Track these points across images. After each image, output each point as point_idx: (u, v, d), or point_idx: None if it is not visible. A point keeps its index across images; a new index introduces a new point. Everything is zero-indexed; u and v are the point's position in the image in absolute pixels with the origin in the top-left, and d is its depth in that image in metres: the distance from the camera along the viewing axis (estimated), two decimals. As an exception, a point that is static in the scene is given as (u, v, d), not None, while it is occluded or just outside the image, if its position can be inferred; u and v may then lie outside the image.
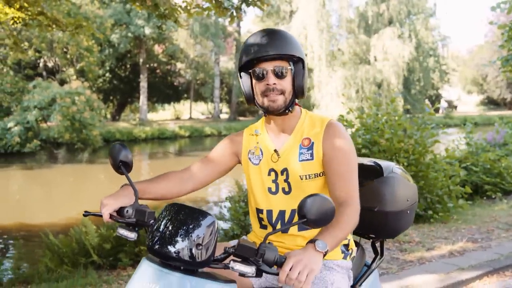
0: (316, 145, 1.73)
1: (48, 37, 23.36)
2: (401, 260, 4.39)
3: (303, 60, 1.72)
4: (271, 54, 1.65)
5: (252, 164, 1.83)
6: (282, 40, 1.67)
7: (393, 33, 31.26)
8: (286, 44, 1.67)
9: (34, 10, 6.39)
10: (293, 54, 1.67)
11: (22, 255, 6.25)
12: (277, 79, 1.67)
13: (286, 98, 1.69)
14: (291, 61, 1.70)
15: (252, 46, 1.68)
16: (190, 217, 1.36)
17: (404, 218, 2.06)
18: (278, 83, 1.67)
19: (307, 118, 1.80)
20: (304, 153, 1.74)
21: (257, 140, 1.84)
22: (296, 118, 1.79)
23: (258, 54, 1.65)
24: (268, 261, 1.31)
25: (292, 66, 1.70)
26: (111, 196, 1.58)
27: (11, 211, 10.83)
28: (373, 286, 2.04)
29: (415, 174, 6.45)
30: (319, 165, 1.73)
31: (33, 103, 20.84)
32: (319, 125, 1.76)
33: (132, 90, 35.68)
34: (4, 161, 19.51)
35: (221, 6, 5.80)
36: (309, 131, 1.76)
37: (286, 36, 1.70)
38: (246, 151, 1.85)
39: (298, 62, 1.71)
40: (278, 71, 1.67)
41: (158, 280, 1.31)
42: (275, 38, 1.68)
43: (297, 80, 1.70)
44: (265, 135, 1.83)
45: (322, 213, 1.34)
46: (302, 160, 1.73)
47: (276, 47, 1.65)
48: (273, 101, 1.68)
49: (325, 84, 29.74)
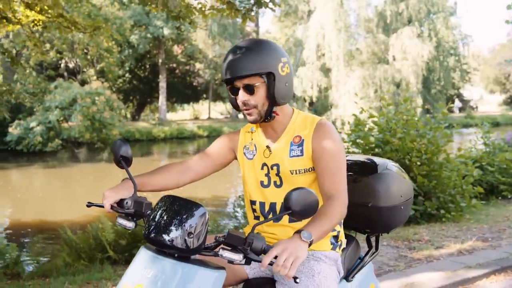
0: (306, 142, 1.83)
1: (69, 38, 23.78)
2: (409, 258, 4.43)
3: (274, 72, 1.76)
4: (240, 76, 1.74)
5: (247, 158, 1.95)
6: (249, 59, 1.73)
7: (412, 32, 30.98)
8: (253, 63, 1.73)
9: (53, 13, 6.54)
10: (261, 72, 1.74)
11: (41, 250, 6.46)
12: (248, 95, 1.77)
13: (260, 110, 1.79)
14: (264, 74, 1.76)
15: (225, 66, 1.78)
16: (184, 208, 1.46)
17: (398, 214, 2.13)
18: (249, 99, 1.77)
19: (298, 118, 1.90)
20: (294, 149, 1.84)
21: (251, 137, 1.96)
22: (287, 118, 1.89)
23: (231, 75, 1.75)
24: (255, 249, 1.41)
25: (265, 79, 1.76)
26: (112, 189, 1.70)
27: (33, 208, 11.14)
28: (367, 279, 2.11)
29: (427, 174, 6.46)
30: (308, 160, 1.82)
31: (55, 103, 21.30)
32: (309, 124, 1.86)
33: (152, 90, 36.10)
34: (27, 160, 19.99)
35: (233, 8, 5.91)
36: (300, 129, 1.87)
37: (256, 52, 1.75)
38: (241, 147, 1.98)
39: (269, 75, 1.77)
40: (248, 88, 1.76)
41: (154, 266, 1.42)
42: (243, 58, 1.74)
43: (269, 92, 1.77)
44: (259, 132, 1.94)
45: (306, 205, 1.43)
46: (292, 156, 1.83)
47: (243, 68, 1.73)
48: (249, 114, 1.80)
49: (343, 83, 29.65)
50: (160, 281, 1.39)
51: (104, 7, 27.33)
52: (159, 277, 1.39)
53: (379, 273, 4.02)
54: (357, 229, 2.23)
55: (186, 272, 1.40)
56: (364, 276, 2.09)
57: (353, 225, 2.16)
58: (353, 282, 2.01)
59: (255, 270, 1.91)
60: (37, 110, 21.88)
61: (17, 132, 20.91)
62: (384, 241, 4.98)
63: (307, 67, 31.00)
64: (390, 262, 4.31)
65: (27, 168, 18.51)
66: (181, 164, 1.97)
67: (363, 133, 6.76)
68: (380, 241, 4.80)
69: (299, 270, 1.75)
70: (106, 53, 26.04)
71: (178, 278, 1.39)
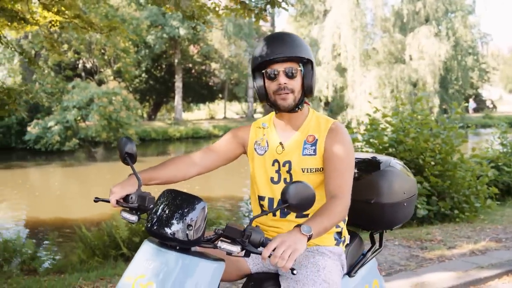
0: (320, 142, 1.87)
1: (87, 39, 24.11)
2: (421, 257, 4.41)
3: (312, 62, 1.86)
4: (282, 56, 1.79)
5: (257, 154, 1.96)
6: (292, 43, 1.81)
7: (429, 31, 30.64)
8: (296, 46, 1.81)
9: (70, 14, 6.63)
10: (303, 56, 1.81)
11: (57, 247, 6.57)
12: (288, 79, 1.81)
13: (296, 96, 1.83)
14: (301, 62, 1.83)
15: (265, 49, 1.82)
16: (185, 202, 1.51)
17: (401, 210, 2.14)
18: (288, 83, 1.81)
19: (313, 118, 1.94)
20: (307, 148, 1.87)
21: (263, 132, 1.98)
22: (304, 116, 1.93)
23: (271, 56, 1.79)
24: (254, 242, 1.45)
25: (302, 67, 1.84)
26: (118, 185, 1.76)
27: (51, 206, 11.33)
28: (370, 275, 2.13)
29: (441, 174, 6.42)
30: (320, 160, 1.86)
31: (72, 103, 21.59)
32: (324, 125, 1.90)
33: (168, 90, 36.33)
34: (45, 159, 20.30)
35: (247, 7, 5.94)
36: (314, 129, 1.90)
37: (296, 39, 1.84)
38: (252, 142, 1.99)
39: (307, 64, 1.85)
40: (288, 72, 1.80)
41: (156, 258, 1.47)
42: (286, 41, 1.81)
43: (306, 80, 1.84)
44: (272, 129, 1.97)
45: (303, 199, 1.47)
46: (305, 155, 1.87)
47: (287, 50, 1.79)
48: (283, 99, 1.82)
49: (358, 83, 29.46)
50: (161, 272, 1.43)
51: (121, 8, 27.64)
52: (160, 268, 1.44)
53: (389, 272, 4.01)
54: (361, 226, 2.25)
55: (186, 263, 1.44)
56: (367, 272, 2.11)
57: (356, 221, 2.18)
58: (356, 277, 2.03)
59: (259, 265, 1.93)
60: (55, 109, 22.19)
61: (36, 131, 21.24)
62: (396, 241, 4.96)
63: (323, 67, 30.86)
64: (401, 261, 4.30)
65: (45, 167, 18.80)
66: (187, 157, 1.99)
67: (377, 132, 6.73)
68: (392, 241, 4.80)
69: (304, 264, 1.78)
70: (123, 53, 26.34)
71: (178, 269, 1.43)
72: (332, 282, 1.75)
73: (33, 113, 22.50)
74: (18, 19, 6.07)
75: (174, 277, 1.42)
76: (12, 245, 5.67)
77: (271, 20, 40.13)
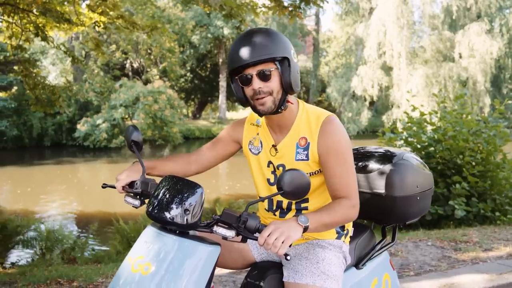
0: (312, 146, 1.77)
1: (134, 39, 24.79)
2: (453, 258, 4.29)
3: (288, 58, 1.71)
4: (252, 61, 1.66)
5: (252, 153, 1.93)
6: (263, 44, 1.67)
7: (481, 28, 29.51)
8: (267, 47, 1.67)
9: (114, 14, 6.86)
10: (274, 57, 1.68)
11: (98, 238, 6.83)
12: (263, 82, 1.69)
13: (275, 98, 1.71)
14: (276, 61, 1.70)
15: (235, 53, 1.69)
16: (185, 187, 1.56)
17: (414, 204, 2.10)
18: (264, 86, 1.69)
19: (304, 114, 1.82)
20: (300, 153, 1.79)
21: (257, 131, 1.92)
22: (294, 114, 1.82)
23: (241, 63, 1.67)
24: (250, 228, 1.48)
25: (278, 65, 1.70)
26: (124, 172, 1.82)
27: (95, 200, 11.76)
28: (380, 268, 2.10)
29: (482, 174, 6.21)
30: (314, 164, 1.79)
31: (119, 102, 22.28)
32: (314, 124, 1.79)
33: (212, 89, 36.80)
34: (93, 155, 21.06)
35: (281, 5, 5.96)
36: (306, 129, 1.80)
37: (268, 37, 1.70)
38: (246, 141, 1.95)
39: (283, 61, 1.71)
40: (262, 75, 1.68)
41: (155, 241, 1.53)
42: (256, 42, 1.67)
43: (284, 78, 1.70)
44: (265, 128, 1.89)
45: (297, 187, 1.49)
46: (298, 160, 1.79)
47: (257, 52, 1.65)
48: (262, 104, 1.71)
49: (405, 82, 28.79)
50: (159, 253, 1.49)
51: (168, 8, 28.23)
52: (158, 250, 1.50)
53: (418, 272, 3.93)
54: (373, 219, 2.22)
55: (183, 246, 1.50)
56: (377, 265, 2.09)
57: (368, 215, 2.16)
58: (364, 270, 2.01)
59: (263, 255, 1.96)
60: (104, 108, 22.96)
61: (85, 129, 22.07)
62: (429, 241, 4.85)
63: (368, 65, 30.37)
64: (432, 262, 4.19)
65: (92, 163, 19.51)
66: (188, 156, 2.00)
67: (414, 132, 6.60)
68: (425, 241, 4.70)
69: (304, 256, 1.79)
70: (168, 53, 26.92)
71: (174, 251, 1.48)
72: (332, 274, 1.75)
73: (83, 111, 23.42)
74: (64, 20, 6.33)
75: (171, 259, 1.47)
76: (55, 235, 5.94)
77: (316, 19, 39.91)
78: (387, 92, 30.88)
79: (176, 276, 1.45)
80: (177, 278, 1.45)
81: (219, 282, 3.84)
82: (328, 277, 1.73)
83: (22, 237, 6.09)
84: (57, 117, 22.87)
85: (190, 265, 1.48)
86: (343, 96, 31.58)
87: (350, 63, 33.25)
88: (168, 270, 1.45)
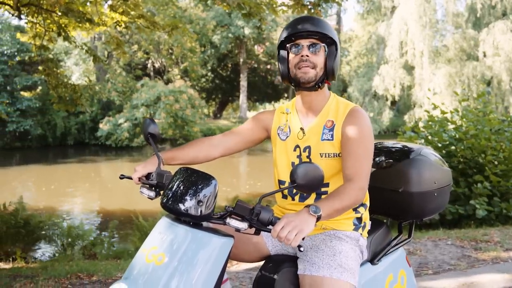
0: (337, 127, 1.85)
1: (155, 39, 25.03)
2: (473, 258, 4.23)
3: (336, 44, 1.87)
4: (307, 31, 1.82)
5: (280, 139, 1.98)
6: (318, 22, 1.85)
7: (506, 26, 28.91)
8: (321, 25, 1.85)
9: (135, 14, 6.95)
10: (327, 34, 1.83)
11: (117, 234, 6.92)
12: (311, 54, 1.83)
13: (317, 73, 1.83)
14: (325, 42, 1.85)
15: (292, 25, 1.86)
16: (199, 179, 1.57)
17: (432, 200, 2.08)
18: (311, 56, 1.82)
19: (333, 102, 1.93)
20: (326, 133, 1.87)
21: (287, 118, 2.00)
22: (325, 100, 1.93)
23: (296, 30, 1.84)
24: (263, 220, 1.49)
25: (326, 48, 1.85)
26: (141, 164, 1.87)
27: (117, 198, 11.92)
28: (396, 264, 2.08)
29: (505, 173, 6.10)
30: (338, 146, 1.85)
31: (141, 101, 22.52)
32: (342, 109, 1.88)
33: (233, 89, 36.94)
34: (115, 154, 21.34)
35: (300, 3, 5.95)
36: (334, 114, 1.89)
37: (322, 21, 1.88)
38: (276, 127, 2.02)
39: (332, 45, 1.86)
40: (312, 46, 1.83)
41: (169, 232, 1.55)
42: (312, 20, 1.87)
43: (329, 60, 1.84)
44: (295, 114, 1.98)
45: (310, 179, 1.49)
46: (323, 140, 1.87)
47: (312, 26, 1.83)
48: (304, 72, 1.82)
49: (427, 82, 28.39)
50: (172, 244, 1.51)
51: (189, 9, 28.44)
52: (171, 241, 1.52)
53: (437, 271, 3.89)
54: (389, 215, 2.21)
55: (196, 237, 1.51)
56: (392, 261, 2.07)
57: (385, 211, 2.14)
58: (379, 265, 2.00)
59: (277, 248, 1.97)
60: (125, 107, 23.24)
61: (107, 128, 22.38)
62: (449, 241, 4.79)
63: (390, 64, 30.04)
64: (452, 261, 4.14)
65: (114, 161, 19.77)
66: (211, 139, 2.04)
67: (434, 130, 6.51)
68: (445, 240, 4.65)
69: (321, 248, 1.79)
70: (189, 53, 27.10)
71: (188, 242, 1.50)
72: (348, 267, 1.74)
73: (105, 110, 23.75)
74: (85, 20, 6.43)
75: (184, 249, 1.49)
76: (76, 231, 6.05)
77: (337, 18, 39.71)
78: (409, 92, 30.51)
79: (189, 267, 1.47)
80: (190, 268, 1.47)
81: (236, 278, 3.86)
82: (345, 270, 1.73)
83: (44, 232, 6.22)
84: (80, 117, 23.26)
85: (203, 256, 1.49)
86: (365, 96, 31.32)
87: (372, 63, 32.98)
88: (182, 261, 1.47)
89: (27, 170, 17.47)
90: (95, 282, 3.99)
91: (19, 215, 6.02)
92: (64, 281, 3.99)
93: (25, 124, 21.69)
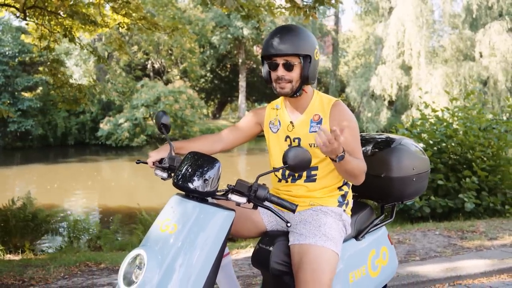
0: (324, 121, 2.13)
1: (155, 40, 25.26)
2: (458, 246, 4.49)
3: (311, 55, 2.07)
4: (281, 54, 2.04)
5: (272, 132, 2.27)
6: (293, 40, 2.03)
7: (502, 27, 29.21)
8: (295, 44, 2.03)
9: (137, 16, 7.18)
10: (300, 54, 2.04)
11: (120, 228, 7.18)
12: (286, 72, 2.07)
13: (293, 85, 2.09)
14: (301, 55, 2.06)
15: (269, 42, 2.07)
16: (205, 161, 1.85)
17: (410, 185, 2.35)
18: (286, 74, 2.07)
19: (317, 99, 2.20)
20: (314, 126, 2.15)
21: (276, 113, 2.28)
22: (308, 98, 2.19)
23: (272, 52, 2.05)
24: (259, 196, 1.78)
25: (301, 60, 2.07)
26: (155, 150, 2.17)
27: (118, 195, 12.17)
28: (378, 241, 2.36)
29: (493, 169, 6.36)
30: None
31: (141, 102, 22.76)
32: (326, 104, 2.16)
33: (232, 89, 37.19)
34: (115, 154, 21.58)
35: (296, 6, 6.20)
36: (319, 108, 2.17)
37: (298, 35, 2.06)
38: (267, 121, 2.30)
39: (306, 57, 2.07)
40: (286, 65, 2.06)
41: (179, 206, 1.82)
42: (287, 38, 2.04)
43: (304, 71, 2.07)
44: (284, 110, 2.26)
45: (300, 161, 1.76)
46: (312, 132, 2.15)
47: (287, 46, 2.02)
48: (281, 88, 2.09)
49: (424, 82, 28.68)
50: (183, 216, 1.77)
51: (188, 10, 28.69)
52: (182, 213, 1.78)
53: (424, 257, 4.15)
54: (373, 199, 2.48)
55: (204, 210, 1.79)
56: (375, 238, 2.34)
57: (369, 194, 2.41)
58: (363, 241, 2.27)
59: (272, 224, 2.25)
60: (125, 107, 23.47)
61: (107, 128, 22.61)
62: (437, 231, 5.05)
63: (387, 65, 30.32)
64: (438, 249, 4.41)
65: (115, 161, 20.01)
66: (213, 135, 2.35)
67: (424, 128, 6.78)
68: (433, 231, 4.92)
69: (308, 221, 2.08)
70: (189, 53, 27.35)
71: (196, 214, 1.77)
72: (331, 237, 2.02)
73: (105, 111, 23.98)
74: (89, 22, 6.67)
75: (193, 220, 1.75)
76: (81, 224, 6.31)
77: (335, 19, 39.93)
78: (406, 92, 30.78)
79: (197, 235, 1.73)
80: (198, 236, 1.73)
81: (236, 265, 4.12)
82: (328, 239, 2.01)
83: (51, 226, 6.48)
84: (81, 117, 23.50)
85: (210, 226, 1.76)
86: (362, 96, 31.59)
87: (370, 63, 33.23)
88: (191, 230, 1.73)
89: (29, 169, 17.72)
90: (103, 269, 4.24)
91: (27, 209, 6.28)
92: (74, 268, 4.25)
93: (26, 124, 21.92)
